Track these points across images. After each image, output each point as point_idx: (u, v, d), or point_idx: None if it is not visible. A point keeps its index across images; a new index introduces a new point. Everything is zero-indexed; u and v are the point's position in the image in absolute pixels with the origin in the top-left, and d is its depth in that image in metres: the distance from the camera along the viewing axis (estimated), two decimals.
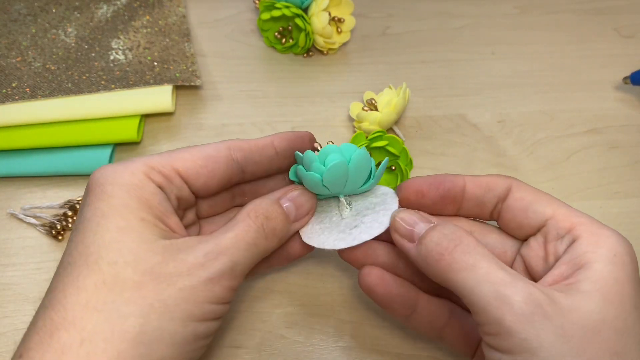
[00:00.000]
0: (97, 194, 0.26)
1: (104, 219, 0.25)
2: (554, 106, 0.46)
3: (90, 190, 0.27)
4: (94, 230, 0.25)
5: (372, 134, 0.38)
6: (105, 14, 0.48)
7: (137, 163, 0.27)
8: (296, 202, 0.31)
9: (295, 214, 0.31)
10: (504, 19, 0.52)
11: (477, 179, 0.30)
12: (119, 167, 0.27)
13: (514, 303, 0.23)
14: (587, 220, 0.27)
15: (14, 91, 0.41)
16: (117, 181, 0.26)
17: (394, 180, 0.39)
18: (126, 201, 0.26)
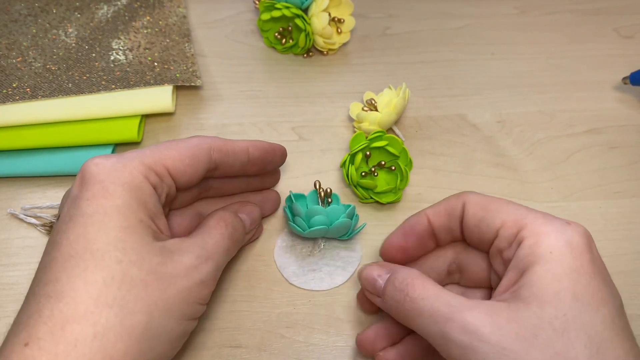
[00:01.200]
0: (98, 190, 0.26)
1: (107, 217, 0.26)
2: (554, 106, 0.46)
3: (89, 184, 0.27)
4: (97, 227, 0.26)
5: (372, 134, 0.38)
6: (105, 15, 0.48)
7: (135, 161, 0.28)
8: (250, 216, 0.35)
9: (249, 226, 0.35)
10: (504, 20, 0.52)
11: (436, 209, 0.31)
12: (118, 164, 0.27)
13: (453, 338, 0.25)
14: (532, 220, 0.27)
15: (15, 91, 0.41)
16: (119, 180, 0.27)
17: (393, 180, 0.39)
18: (128, 202, 0.27)
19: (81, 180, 0.27)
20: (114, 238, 0.26)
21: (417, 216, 0.32)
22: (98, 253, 0.25)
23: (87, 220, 0.26)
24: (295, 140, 0.43)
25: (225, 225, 0.31)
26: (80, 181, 0.27)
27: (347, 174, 0.38)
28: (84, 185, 0.27)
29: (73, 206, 0.26)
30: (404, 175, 0.38)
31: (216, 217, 0.32)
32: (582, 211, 0.40)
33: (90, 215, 0.26)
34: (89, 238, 0.25)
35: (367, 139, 0.38)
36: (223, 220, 0.32)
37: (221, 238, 0.30)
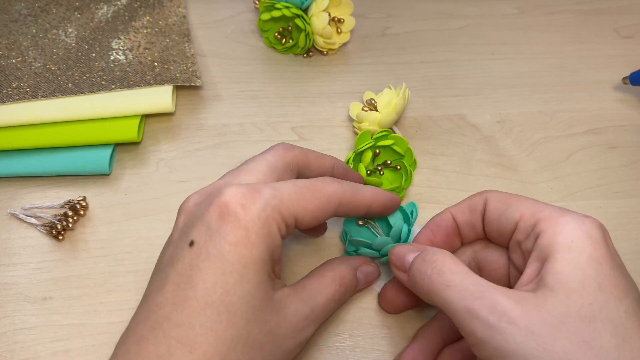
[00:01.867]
0: (242, 238, 0.26)
1: (246, 269, 0.26)
2: (554, 106, 0.46)
3: (233, 226, 0.26)
4: (236, 278, 0.25)
5: (378, 133, 0.39)
6: (105, 15, 0.48)
7: (275, 213, 0.27)
8: (367, 277, 0.34)
9: (360, 287, 0.34)
10: (504, 20, 0.52)
11: (459, 206, 0.32)
12: (262, 214, 0.26)
13: (480, 316, 0.25)
14: (549, 212, 0.27)
15: (15, 91, 0.41)
16: (261, 232, 0.26)
17: (398, 180, 0.39)
18: (264, 256, 0.26)
19: (222, 216, 0.26)
20: (248, 294, 0.25)
21: (441, 214, 0.32)
22: (232, 308, 0.25)
23: (227, 267, 0.25)
24: (295, 141, 0.43)
25: (339, 285, 0.31)
26: (220, 215, 0.26)
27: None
28: (226, 223, 0.26)
29: (212, 243, 0.26)
30: (409, 175, 0.38)
31: (333, 272, 0.32)
32: (582, 211, 0.39)
33: (232, 263, 0.25)
34: (227, 289, 0.25)
35: (373, 137, 0.38)
36: (340, 278, 0.31)
37: (331, 300, 0.31)
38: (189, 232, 0.27)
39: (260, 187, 0.27)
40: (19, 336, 0.33)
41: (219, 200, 0.26)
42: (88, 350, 0.33)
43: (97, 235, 0.38)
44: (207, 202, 0.27)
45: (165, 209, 0.39)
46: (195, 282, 0.25)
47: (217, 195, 0.27)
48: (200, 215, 0.27)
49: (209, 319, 0.24)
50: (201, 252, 0.26)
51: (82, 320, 0.34)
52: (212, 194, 0.27)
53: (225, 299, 0.25)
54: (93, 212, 0.39)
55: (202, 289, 0.25)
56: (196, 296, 0.25)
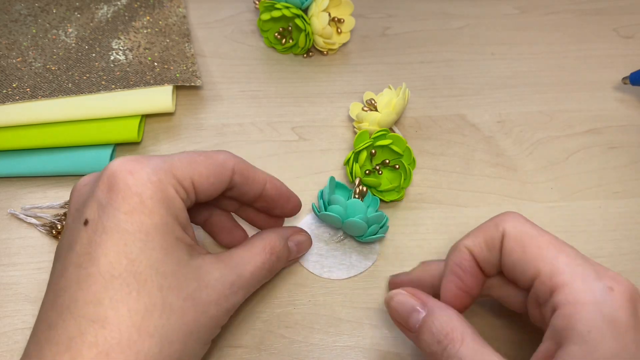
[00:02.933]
0: (137, 205, 0.25)
1: (149, 236, 0.25)
2: (554, 106, 0.46)
3: (124, 194, 0.25)
4: (139, 246, 0.25)
5: (376, 132, 0.39)
6: (105, 15, 0.48)
7: (168, 175, 0.26)
8: (299, 247, 0.34)
9: (292, 257, 0.34)
10: (504, 20, 0.52)
11: (475, 240, 0.29)
12: (153, 177, 0.26)
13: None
14: (569, 280, 0.25)
15: (15, 91, 0.41)
16: (156, 195, 0.26)
17: (397, 179, 0.39)
18: (165, 219, 0.26)
19: (111, 187, 0.25)
20: (155, 260, 0.25)
21: (459, 252, 0.29)
22: (141, 277, 0.24)
23: (127, 237, 0.25)
24: (295, 140, 0.43)
25: (270, 254, 0.31)
26: (109, 187, 0.25)
27: (351, 171, 0.38)
28: (116, 193, 0.25)
29: (106, 216, 0.25)
30: (408, 174, 0.39)
31: (264, 241, 0.31)
32: (582, 211, 0.40)
33: (132, 233, 0.25)
34: (132, 259, 0.24)
35: (371, 137, 0.38)
36: (270, 247, 0.31)
37: (261, 268, 0.30)
38: (81, 212, 0.26)
39: (146, 156, 0.27)
40: (19, 336, 0.33)
41: (106, 173, 0.26)
42: None
43: None
44: (95, 178, 0.27)
45: None
46: (97, 257, 0.24)
47: (104, 171, 0.26)
48: (91, 192, 0.26)
49: (117, 292, 0.24)
50: (97, 228, 0.25)
51: None
52: (99, 173, 0.27)
53: (131, 269, 0.24)
54: None
55: (105, 264, 0.24)
56: (100, 272, 0.24)
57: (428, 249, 0.38)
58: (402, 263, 0.37)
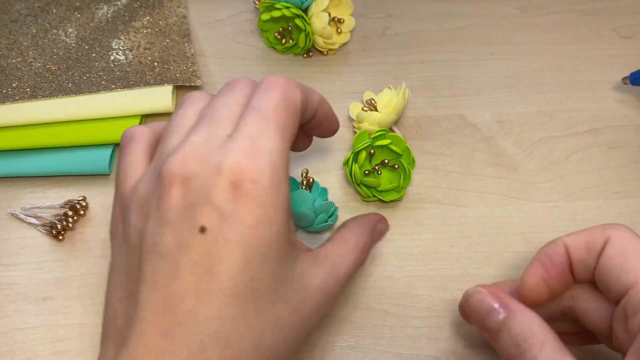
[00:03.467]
0: (261, 217, 0.24)
1: (269, 250, 0.24)
2: (553, 106, 0.46)
3: (248, 203, 0.23)
4: (259, 262, 0.24)
5: (375, 132, 0.39)
6: (105, 15, 0.48)
7: (280, 168, 0.25)
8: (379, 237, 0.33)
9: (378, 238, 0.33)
10: (504, 20, 0.52)
11: (575, 239, 0.27)
12: (274, 180, 0.24)
13: None
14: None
15: (15, 91, 0.41)
16: (277, 202, 0.24)
17: (396, 179, 0.39)
18: (284, 225, 0.25)
19: (236, 198, 0.23)
20: (271, 275, 0.24)
21: (554, 245, 0.28)
22: (258, 293, 0.24)
23: (250, 252, 0.23)
24: None
25: (362, 252, 0.30)
26: (234, 198, 0.23)
27: (350, 172, 0.38)
28: (241, 205, 0.23)
29: (229, 228, 0.23)
30: (407, 174, 0.39)
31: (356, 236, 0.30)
32: (581, 211, 0.40)
33: (255, 247, 0.23)
34: (252, 276, 0.23)
35: (370, 137, 0.38)
36: (362, 243, 0.30)
37: (353, 268, 0.29)
38: (193, 215, 0.23)
39: (259, 149, 0.24)
40: (19, 336, 0.33)
41: (224, 178, 0.23)
42: (88, 350, 0.33)
43: (97, 235, 0.38)
44: (208, 176, 0.24)
45: None
46: (218, 272, 0.23)
47: (220, 171, 0.24)
48: (205, 195, 0.24)
49: (237, 309, 0.23)
50: (218, 240, 0.23)
51: (82, 320, 0.34)
52: (210, 165, 0.24)
53: (251, 285, 0.23)
54: (93, 212, 0.39)
55: (227, 280, 0.23)
56: (221, 288, 0.23)
57: (428, 249, 0.38)
58: (401, 263, 0.37)
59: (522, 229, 0.39)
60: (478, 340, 0.34)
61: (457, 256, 0.37)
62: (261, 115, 0.25)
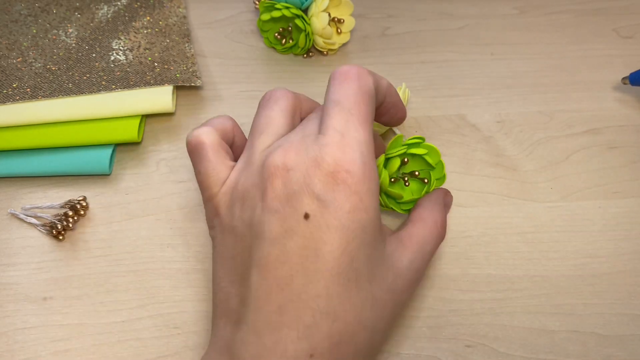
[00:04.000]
0: (357, 203, 0.26)
1: (365, 232, 0.26)
2: (553, 106, 0.46)
3: (345, 191, 0.26)
4: (358, 243, 0.26)
5: (410, 138, 0.35)
6: (105, 15, 0.48)
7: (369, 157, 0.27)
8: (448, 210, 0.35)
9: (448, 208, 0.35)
10: (504, 20, 0.52)
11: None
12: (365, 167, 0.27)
13: None
14: None
15: (15, 91, 0.41)
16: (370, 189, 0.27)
17: (418, 191, 0.36)
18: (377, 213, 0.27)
19: (335, 187, 0.26)
20: (368, 256, 0.26)
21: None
22: (358, 272, 0.26)
23: (349, 235, 0.26)
24: None
25: (442, 227, 0.31)
26: (333, 186, 0.26)
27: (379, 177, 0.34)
28: (339, 192, 0.26)
29: (329, 214, 0.26)
30: (430, 189, 0.35)
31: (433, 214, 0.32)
32: (581, 211, 0.40)
33: (353, 230, 0.26)
34: (352, 256, 0.26)
35: (405, 143, 0.35)
36: (441, 220, 0.32)
37: (437, 244, 0.31)
38: (296, 204, 0.26)
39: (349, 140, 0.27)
40: (19, 336, 0.33)
41: (324, 164, 0.26)
42: (88, 350, 0.33)
43: (97, 235, 0.38)
44: (307, 168, 0.26)
45: (166, 209, 0.39)
46: (323, 254, 0.25)
47: (318, 163, 0.26)
48: (306, 185, 0.26)
49: (342, 287, 0.25)
50: (320, 225, 0.25)
51: (82, 320, 0.34)
52: (308, 158, 0.26)
53: (352, 265, 0.26)
54: (93, 212, 0.39)
55: (331, 260, 0.25)
56: (327, 268, 0.25)
57: None
58: None
59: (522, 229, 0.39)
60: (478, 340, 0.34)
61: (457, 256, 0.37)
62: (343, 108, 0.27)
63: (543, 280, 0.36)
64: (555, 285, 0.36)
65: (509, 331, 0.34)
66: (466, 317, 0.35)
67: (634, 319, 0.35)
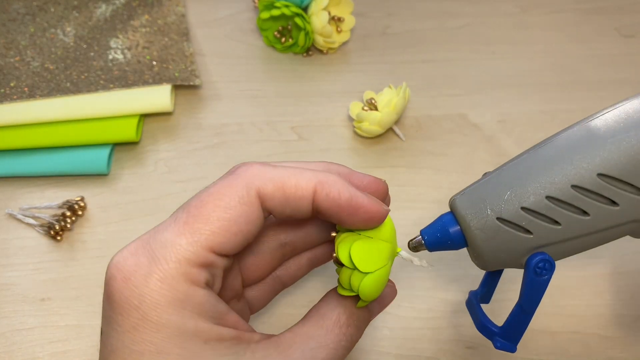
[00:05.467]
0: (138, 321, 0.20)
1: (161, 355, 0.20)
2: (554, 106, 0.46)
3: (122, 309, 0.20)
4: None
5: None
6: (104, 14, 0.47)
7: (172, 266, 0.21)
8: (382, 302, 0.26)
9: (376, 314, 0.26)
10: (505, 19, 0.52)
11: None
12: (151, 278, 0.20)
13: None
14: None
15: (12, 91, 0.41)
16: (160, 303, 0.20)
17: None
18: (183, 326, 0.20)
19: (109, 299, 0.21)
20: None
21: None
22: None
23: (138, 359, 0.20)
24: (294, 140, 0.43)
25: (347, 327, 0.23)
26: (107, 299, 0.21)
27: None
28: (114, 309, 0.21)
29: (112, 333, 0.21)
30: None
31: (336, 309, 0.23)
32: None
33: (142, 353, 0.20)
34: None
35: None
36: (346, 316, 0.23)
37: (334, 351, 0.22)
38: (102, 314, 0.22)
39: (150, 240, 0.21)
40: (17, 337, 0.33)
41: (106, 284, 0.21)
42: (86, 351, 0.33)
43: (95, 235, 0.37)
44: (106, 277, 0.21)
45: (164, 209, 0.39)
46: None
47: (108, 266, 0.21)
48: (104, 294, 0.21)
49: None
50: (106, 345, 0.21)
51: (80, 321, 0.34)
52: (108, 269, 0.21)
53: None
54: (91, 212, 0.38)
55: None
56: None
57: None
58: (401, 263, 0.37)
59: None
60: (479, 342, 0.34)
61: (458, 257, 0.37)
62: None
63: None
64: (557, 286, 0.36)
65: None
66: (467, 318, 0.34)
67: (635, 320, 0.35)
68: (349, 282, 0.23)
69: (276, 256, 0.27)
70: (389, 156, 0.42)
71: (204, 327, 0.21)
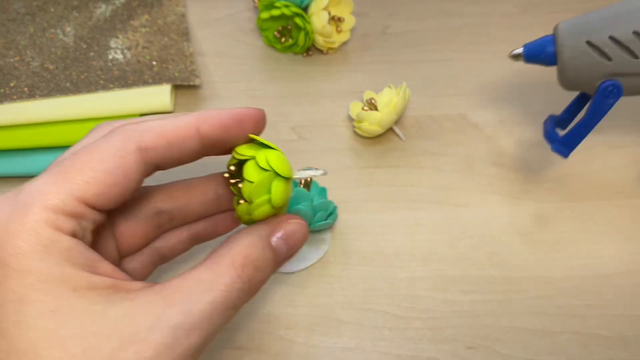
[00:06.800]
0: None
1: (23, 304, 0.19)
2: (555, 106, 0.46)
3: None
4: (15, 320, 0.19)
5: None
6: (103, 13, 0.47)
7: (36, 212, 0.20)
8: (289, 241, 0.24)
9: (284, 256, 0.24)
10: (505, 18, 0.52)
11: None
12: (13, 224, 0.20)
13: None
14: None
15: (12, 91, 0.41)
16: (22, 249, 0.19)
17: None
18: (45, 272, 0.19)
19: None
20: (44, 330, 0.19)
21: None
22: (26, 357, 0.19)
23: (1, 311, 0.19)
24: (294, 140, 0.43)
25: (242, 266, 0.22)
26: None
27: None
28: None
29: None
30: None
31: (231, 251, 0.22)
32: (582, 211, 0.39)
33: (4, 304, 0.19)
34: (9, 337, 0.19)
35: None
36: (242, 257, 0.22)
37: (227, 292, 0.21)
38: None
39: (14, 194, 0.21)
40: None
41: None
42: None
43: None
44: None
45: None
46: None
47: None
48: None
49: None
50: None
51: None
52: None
53: (11, 349, 0.19)
54: None
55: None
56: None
57: (428, 250, 0.37)
58: (401, 264, 0.37)
59: (523, 230, 0.38)
60: (480, 342, 0.34)
61: (458, 257, 0.37)
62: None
63: (545, 281, 0.36)
64: (558, 286, 0.36)
65: (510, 332, 0.34)
66: (467, 318, 0.35)
67: (636, 320, 0.35)
68: (249, 196, 0.23)
69: (152, 224, 0.26)
70: (389, 156, 0.42)
71: (72, 274, 0.20)
